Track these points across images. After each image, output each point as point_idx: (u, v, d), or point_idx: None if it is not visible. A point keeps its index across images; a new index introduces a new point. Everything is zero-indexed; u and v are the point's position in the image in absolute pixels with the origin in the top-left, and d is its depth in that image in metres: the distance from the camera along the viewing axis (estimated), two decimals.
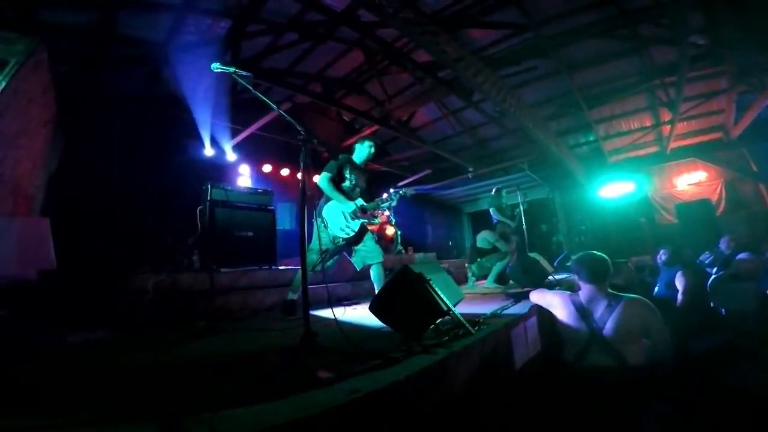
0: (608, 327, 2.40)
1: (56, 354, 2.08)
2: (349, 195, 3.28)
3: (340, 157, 3.40)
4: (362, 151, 3.46)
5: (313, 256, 3.11)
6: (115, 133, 5.39)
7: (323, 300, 3.12)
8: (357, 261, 3.31)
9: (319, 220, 3.25)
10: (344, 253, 3.38)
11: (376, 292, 3.17)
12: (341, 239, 3.25)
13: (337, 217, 3.23)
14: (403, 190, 3.42)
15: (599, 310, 2.48)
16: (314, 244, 3.17)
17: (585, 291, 2.62)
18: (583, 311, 2.53)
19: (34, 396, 1.40)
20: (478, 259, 5.63)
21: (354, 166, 3.43)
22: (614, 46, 6.06)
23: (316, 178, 3.34)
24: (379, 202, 3.34)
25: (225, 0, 4.63)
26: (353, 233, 3.24)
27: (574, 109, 7.65)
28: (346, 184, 3.33)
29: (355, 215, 3.24)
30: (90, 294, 3.06)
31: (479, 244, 5.66)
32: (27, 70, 3.34)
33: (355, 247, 3.30)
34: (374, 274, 3.26)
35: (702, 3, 4.68)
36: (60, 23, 4.37)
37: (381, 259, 3.26)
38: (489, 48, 6.06)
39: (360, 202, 3.26)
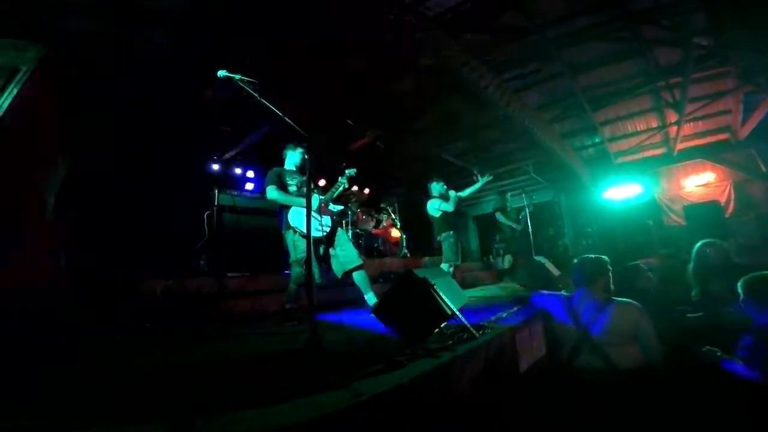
0: (595, 329, 2.44)
1: (66, 356, 2.12)
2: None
3: (272, 171, 3.38)
4: (294, 158, 3.47)
5: (297, 269, 3.09)
6: (124, 137, 5.47)
7: (328, 303, 3.14)
8: (336, 268, 3.22)
9: (290, 231, 3.19)
10: (323, 264, 3.27)
11: (365, 297, 3.19)
12: (321, 239, 3.17)
13: (304, 220, 3.16)
14: (349, 170, 3.35)
15: (587, 311, 2.52)
16: (293, 255, 3.15)
17: (576, 293, 2.68)
18: (572, 312, 2.58)
19: (44, 397, 1.44)
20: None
21: (291, 173, 3.40)
22: (618, 48, 6.03)
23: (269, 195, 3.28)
24: (333, 190, 3.31)
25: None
26: (329, 228, 3.21)
27: (579, 112, 7.62)
28: (292, 189, 3.31)
29: (319, 211, 3.17)
30: (99, 298, 3.11)
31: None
32: (38, 76, 3.42)
33: (333, 252, 3.22)
34: (357, 279, 3.17)
35: (704, 4, 4.66)
36: (69, 29, 4.45)
37: (360, 262, 3.18)
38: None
39: (316, 198, 3.18)
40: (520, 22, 5.32)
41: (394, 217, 8.32)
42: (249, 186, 7.22)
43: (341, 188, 3.32)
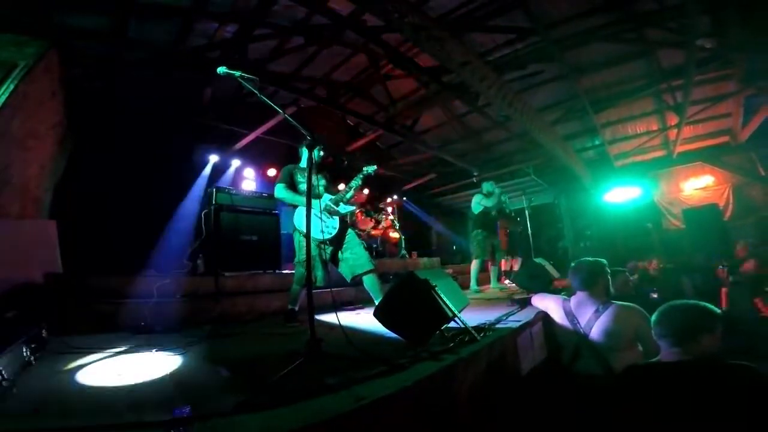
0: (594, 333, 2.41)
1: (61, 357, 2.08)
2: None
3: (285, 168, 3.30)
4: (306, 154, 3.33)
5: (300, 269, 3.06)
6: (122, 136, 5.43)
7: (327, 304, 3.10)
8: (345, 271, 3.12)
9: (296, 232, 3.14)
10: (331, 264, 3.19)
11: (375, 302, 3.09)
12: (326, 241, 3.08)
13: (311, 222, 3.07)
14: (365, 168, 3.21)
15: (586, 315, 2.49)
16: (299, 256, 3.11)
17: (576, 296, 2.65)
18: (571, 316, 2.56)
19: (38, 399, 1.40)
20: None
21: (304, 171, 3.25)
22: (621, 50, 6.02)
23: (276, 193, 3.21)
24: (346, 191, 3.19)
25: (233, 4, 4.67)
26: (335, 230, 3.09)
27: (581, 113, 7.61)
28: (303, 187, 3.18)
29: (327, 212, 3.12)
30: (95, 297, 3.07)
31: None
32: (37, 72, 3.37)
33: (342, 256, 3.12)
34: (368, 284, 3.09)
35: (710, 6, 4.64)
36: (70, 26, 4.41)
37: (371, 267, 3.06)
38: (494, 52, 6.05)
39: (326, 198, 3.17)
40: (524, 22, 5.31)
41: (392, 217, 8.29)
42: (247, 185, 7.20)
43: (355, 187, 3.18)
